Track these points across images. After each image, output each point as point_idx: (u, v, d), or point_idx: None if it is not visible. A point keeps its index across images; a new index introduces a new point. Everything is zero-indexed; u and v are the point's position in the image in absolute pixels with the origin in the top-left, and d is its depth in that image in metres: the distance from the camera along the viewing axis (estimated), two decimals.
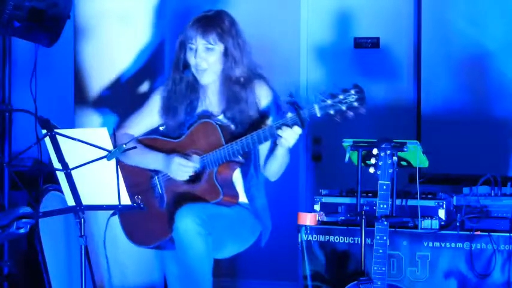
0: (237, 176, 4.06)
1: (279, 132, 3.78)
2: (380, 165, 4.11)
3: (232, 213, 4.02)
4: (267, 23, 6.41)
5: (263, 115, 4.03)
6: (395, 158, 4.12)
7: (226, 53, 4.01)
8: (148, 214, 4.02)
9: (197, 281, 3.85)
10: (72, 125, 5.09)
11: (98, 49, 5.07)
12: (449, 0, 6.14)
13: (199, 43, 4.01)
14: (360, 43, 6.35)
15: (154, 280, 5.13)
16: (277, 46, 6.39)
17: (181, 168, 3.97)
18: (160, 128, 4.18)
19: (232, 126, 4.02)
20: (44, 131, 3.55)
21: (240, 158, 3.99)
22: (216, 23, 4.01)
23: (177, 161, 3.98)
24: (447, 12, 6.13)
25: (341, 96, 3.71)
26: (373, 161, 4.13)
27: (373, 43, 6.32)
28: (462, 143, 6.02)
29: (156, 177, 4.11)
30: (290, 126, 3.76)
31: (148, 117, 4.18)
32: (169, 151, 4.04)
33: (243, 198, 4.09)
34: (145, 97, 4.40)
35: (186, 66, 4.07)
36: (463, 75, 6.10)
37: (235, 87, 4.02)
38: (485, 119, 6.03)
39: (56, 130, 3.53)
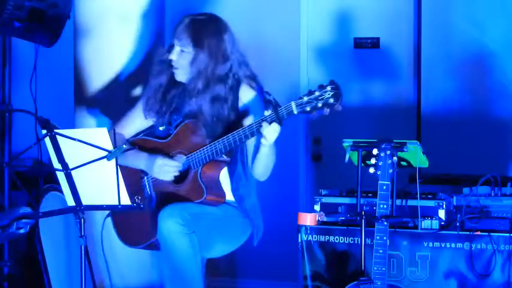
0: (224, 176, 4.07)
1: (260, 130, 3.80)
2: (380, 165, 4.11)
3: (219, 212, 4.02)
4: (267, 23, 6.40)
5: (243, 115, 4.04)
6: (395, 158, 4.12)
7: (198, 60, 4.00)
8: (139, 215, 4.03)
9: (186, 281, 3.86)
10: (72, 125, 5.08)
11: (98, 49, 5.06)
12: (449, 0, 6.13)
13: (176, 43, 4.04)
14: (360, 43, 6.35)
15: (153, 280, 5.12)
16: (277, 46, 6.38)
17: (165, 169, 3.99)
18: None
19: (216, 126, 4.01)
20: (44, 131, 3.55)
21: (225, 157, 3.99)
22: (198, 28, 4.01)
23: (160, 162, 4.00)
24: (447, 12, 6.13)
25: (317, 93, 3.72)
26: (373, 161, 4.13)
27: (373, 43, 6.32)
28: (462, 143, 6.02)
29: (145, 177, 4.12)
30: (269, 123, 3.78)
31: (140, 117, 4.20)
32: (157, 152, 4.05)
33: (230, 197, 4.09)
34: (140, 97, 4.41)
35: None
36: (463, 75, 6.10)
37: (205, 93, 4.02)
38: (485, 119, 6.03)
39: (56, 130, 3.53)
